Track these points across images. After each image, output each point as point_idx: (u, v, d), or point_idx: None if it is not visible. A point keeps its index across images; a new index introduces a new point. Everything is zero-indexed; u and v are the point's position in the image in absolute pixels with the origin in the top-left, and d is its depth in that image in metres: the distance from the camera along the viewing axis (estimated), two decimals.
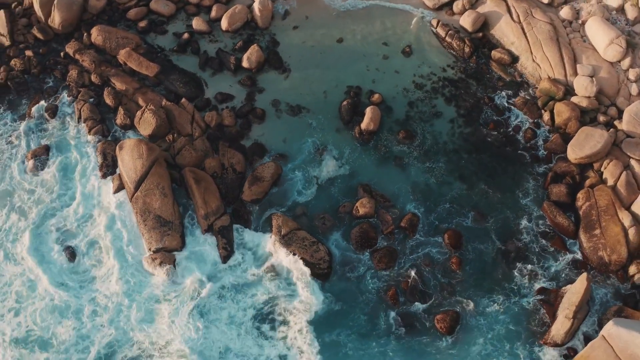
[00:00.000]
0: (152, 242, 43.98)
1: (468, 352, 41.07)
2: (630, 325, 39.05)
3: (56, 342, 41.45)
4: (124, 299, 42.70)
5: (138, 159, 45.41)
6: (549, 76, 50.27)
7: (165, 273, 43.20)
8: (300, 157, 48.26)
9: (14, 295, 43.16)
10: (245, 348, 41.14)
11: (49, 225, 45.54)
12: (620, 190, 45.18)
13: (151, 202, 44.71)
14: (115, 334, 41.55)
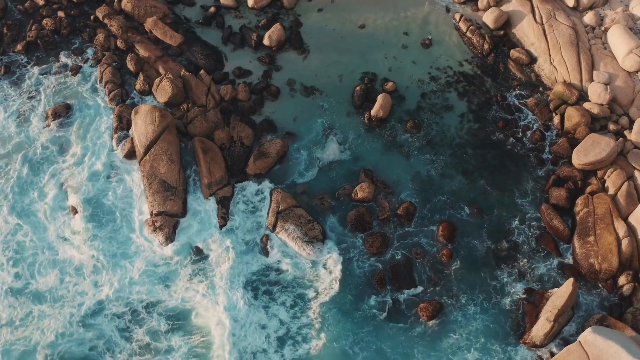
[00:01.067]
0: (154, 205, 45.15)
1: (443, 342, 41.17)
2: (608, 335, 38.76)
3: (52, 296, 42.84)
4: (124, 259, 43.91)
5: (150, 124, 46.53)
6: (565, 80, 49.62)
7: (163, 236, 44.45)
8: (307, 137, 48.76)
9: (15, 246, 44.68)
10: (234, 311, 42.20)
11: (59, 181, 46.85)
12: (620, 200, 44.59)
13: (158, 167, 45.80)
14: (111, 292, 42.72)
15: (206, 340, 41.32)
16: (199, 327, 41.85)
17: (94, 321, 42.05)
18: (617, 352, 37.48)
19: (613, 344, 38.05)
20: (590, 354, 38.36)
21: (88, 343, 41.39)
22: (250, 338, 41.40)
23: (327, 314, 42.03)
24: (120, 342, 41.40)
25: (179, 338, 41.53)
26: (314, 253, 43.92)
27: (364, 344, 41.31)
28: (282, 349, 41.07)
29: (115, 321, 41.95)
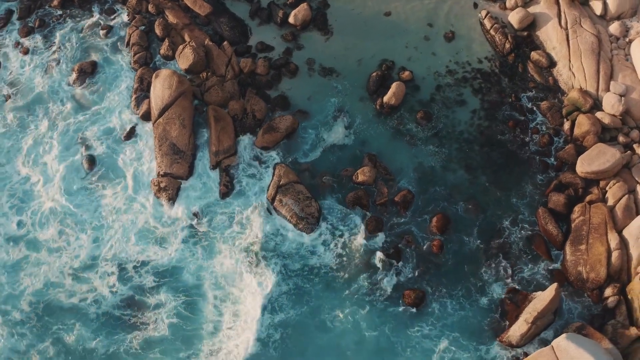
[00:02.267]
0: (162, 166, 46.26)
1: (418, 329, 41.47)
2: (582, 343, 38.42)
3: (50, 246, 44.56)
4: (126, 216, 45.34)
5: (167, 88, 47.42)
6: (581, 87, 48.64)
7: (167, 197, 45.61)
8: (318, 117, 49.08)
9: (22, 195, 46.44)
10: (226, 275, 43.40)
11: (76, 136, 48.40)
12: (617, 212, 43.70)
13: (170, 130, 46.79)
14: (107, 247, 44.28)
15: (193, 299, 42.41)
16: (188, 286, 42.91)
17: (86, 275, 43.51)
18: None
19: (584, 353, 37.77)
20: (560, 359, 38.47)
21: (78, 295, 42.83)
22: (237, 301, 42.35)
23: (312, 286, 42.89)
24: (109, 296, 42.71)
25: (167, 295, 42.68)
26: (307, 228, 44.51)
27: (342, 317, 42.03)
28: (262, 314, 42.06)
29: (107, 277, 43.26)
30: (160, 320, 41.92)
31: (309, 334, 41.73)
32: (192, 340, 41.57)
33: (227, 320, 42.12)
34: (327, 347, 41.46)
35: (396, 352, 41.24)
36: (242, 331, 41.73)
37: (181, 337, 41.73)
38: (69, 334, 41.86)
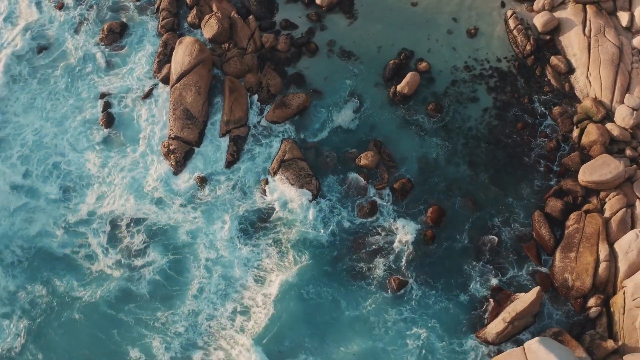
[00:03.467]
0: (173, 129, 47.13)
1: (397, 314, 41.75)
2: (553, 348, 38.09)
3: (49, 197, 46.06)
4: (130, 174, 46.49)
5: (188, 55, 48.09)
6: (595, 96, 47.70)
7: (174, 160, 46.41)
8: (331, 98, 49.16)
9: (32, 145, 47.85)
10: (222, 240, 44.26)
11: (97, 93, 49.61)
12: (612, 224, 42.85)
13: (186, 95, 47.54)
14: (106, 203, 45.57)
15: (183, 260, 43.57)
16: (180, 246, 43.99)
17: (81, 229, 44.84)
18: None
19: (553, 358, 37.62)
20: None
21: (70, 247, 44.23)
22: (228, 265, 43.37)
23: (301, 260, 43.30)
24: (101, 252, 44.03)
25: (157, 254, 43.81)
26: (305, 205, 44.92)
27: (324, 292, 42.57)
28: (251, 282, 42.86)
29: (100, 233, 44.53)
30: (143, 278, 42.96)
31: (289, 305, 42.24)
32: (173, 300, 42.60)
33: (214, 282, 42.92)
34: (303, 317, 42.00)
35: (370, 330, 41.71)
36: (223, 298, 42.64)
37: (161, 295, 42.70)
38: (58, 281, 43.39)
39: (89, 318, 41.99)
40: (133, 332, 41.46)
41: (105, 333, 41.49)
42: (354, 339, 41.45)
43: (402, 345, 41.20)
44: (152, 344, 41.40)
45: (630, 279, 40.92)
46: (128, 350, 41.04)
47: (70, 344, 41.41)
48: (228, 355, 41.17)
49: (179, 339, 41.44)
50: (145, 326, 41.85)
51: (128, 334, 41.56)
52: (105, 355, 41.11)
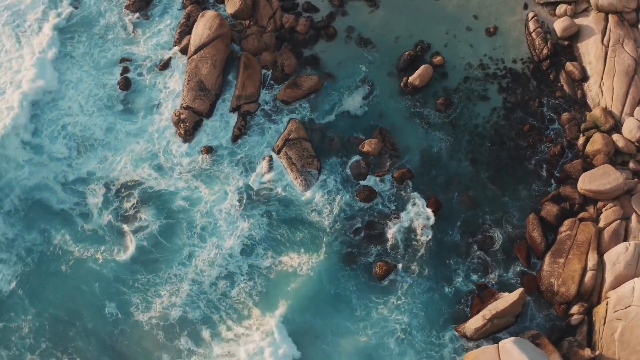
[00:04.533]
0: (186, 99, 47.68)
1: (382, 300, 41.98)
2: (527, 350, 37.77)
3: (53, 155, 46.88)
4: (136, 140, 47.30)
5: (207, 29, 48.46)
6: (606, 106, 46.78)
7: (183, 129, 46.99)
8: (343, 83, 49.04)
9: (45, 105, 48.76)
10: (220, 209, 44.88)
11: (117, 57, 50.49)
12: (605, 235, 42.08)
13: (201, 67, 47.95)
14: (108, 165, 46.48)
15: (177, 225, 44.29)
16: (176, 213, 44.70)
17: (79, 188, 45.82)
18: None
19: (525, 359, 37.58)
20: None
21: (67, 204, 45.21)
22: (221, 235, 43.92)
23: (292, 238, 43.77)
24: (96, 212, 44.92)
25: (153, 218, 44.59)
26: (303, 184, 45.12)
27: (310, 270, 42.86)
28: (241, 253, 43.42)
29: (98, 195, 45.37)
30: (136, 239, 43.83)
31: (273, 278, 42.83)
32: (159, 264, 43.46)
33: (204, 250, 43.48)
34: (289, 292, 42.38)
35: (352, 310, 41.98)
36: (210, 265, 43.36)
37: (149, 258, 43.58)
38: (52, 234, 44.49)
39: (76, 272, 43.13)
40: (111, 288, 42.52)
41: (88, 287, 42.56)
42: (334, 316, 41.80)
43: (383, 328, 41.32)
44: (132, 302, 42.38)
45: (614, 291, 40.25)
46: (105, 304, 42.08)
47: (54, 294, 42.58)
48: (207, 320, 41.84)
49: (160, 300, 42.35)
50: (127, 285, 42.74)
51: (108, 289, 42.58)
52: (85, 307, 42.20)
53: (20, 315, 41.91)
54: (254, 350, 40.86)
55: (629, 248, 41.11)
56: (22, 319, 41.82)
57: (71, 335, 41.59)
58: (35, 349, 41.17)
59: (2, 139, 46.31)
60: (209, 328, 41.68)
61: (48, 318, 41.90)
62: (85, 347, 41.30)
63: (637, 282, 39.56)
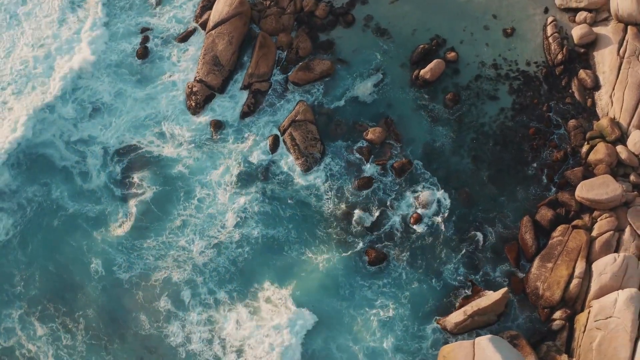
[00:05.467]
0: (200, 73, 48.12)
1: (367, 283, 42.26)
2: (502, 349, 37.59)
3: (62, 114, 47.71)
4: (145, 104, 47.94)
5: (228, 6, 48.76)
6: (614, 117, 45.91)
7: (194, 101, 47.42)
8: (356, 70, 48.90)
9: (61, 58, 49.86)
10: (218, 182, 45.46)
11: (139, 26, 50.97)
12: (596, 244, 41.43)
13: (218, 43, 48.27)
14: (112, 130, 47.15)
15: (174, 193, 45.08)
16: (175, 182, 45.35)
17: (81, 148, 46.64)
18: None
19: (499, 358, 37.30)
20: (476, 356, 37.71)
21: (69, 162, 46.09)
22: (216, 206, 44.46)
23: (286, 216, 44.21)
24: (95, 174, 45.74)
25: (150, 183, 45.34)
26: (304, 165, 45.32)
27: (300, 248, 43.44)
28: (235, 226, 43.87)
29: (99, 156, 46.15)
30: (131, 204, 44.78)
31: (263, 254, 43.28)
32: (151, 229, 44.22)
33: (197, 219, 44.09)
34: (276, 267, 42.95)
35: (338, 290, 42.25)
36: (201, 235, 43.86)
37: (143, 223, 44.39)
38: (52, 189, 45.53)
39: (68, 227, 44.23)
40: (99, 247, 43.54)
41: (77, 243, 43.67)
42: (319, 292, 42.10)
43: (367, 311, 41.52)
44: (115, 261, 43.36)
45: (597, 300, 39.67)
46: (91, 261, 43.09)
47: (46, 246, 43.81)
48: (190, 283, 42.59)
49: (143, 262, 43.26)
50: (113, 246, 43.62)
51: (95, 247, 43.62)
52: (73, 261, 43.38)
53: (13, 263, 43.30)
54: (235, 318, 41.54)
55: (617, 259, 40.50)
56: (15, 267, 43.16)
57: (58, 287, 42.89)
58: (24, 297, 42.41)
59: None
60: (191, 292, 42.37)
61: (38, 268, 43.19)
62: (70, 298, 42.47)
63: (620, 294, 39.11)
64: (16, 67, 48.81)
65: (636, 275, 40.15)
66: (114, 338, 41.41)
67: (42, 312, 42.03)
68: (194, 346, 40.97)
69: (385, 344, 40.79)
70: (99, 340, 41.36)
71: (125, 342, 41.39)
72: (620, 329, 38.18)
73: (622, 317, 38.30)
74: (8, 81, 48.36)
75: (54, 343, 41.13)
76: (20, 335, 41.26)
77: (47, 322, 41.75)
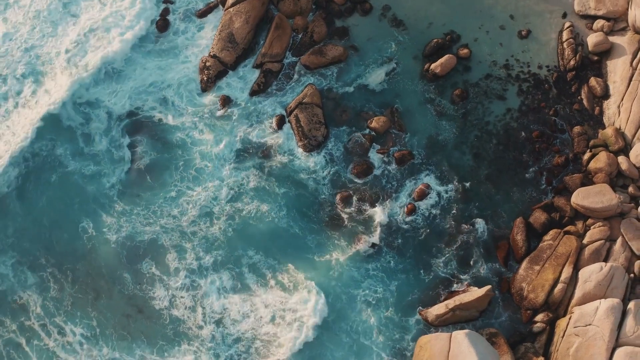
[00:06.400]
0: (214, 48, 48.15)
1: (355, 265, 42.37)
2: (477, 344, 37.45)
3: (82, 79, 47.98)
4: (161, 72, 48.27)
5: None
6: (619, 127, 45.00)
7: (206, 76, 47.60)
8: (368, 58, 48.50)
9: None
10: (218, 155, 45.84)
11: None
12: (585, 252, 40.81)
13: (235, 21, 48.18)
14: (122, 95, 47.68)
15: (172, 161, 45.56)
16: (175, 150, 45.87)
17: (87, 110, 47.14)
18: None
19: (473, 353, 36.95)
20: (452, 349, 37.67)
21: (73, 122, 46.65)
22: (212, 179, 44.86)
23: (281, 194, 44.30)
24: (97, 136, 46.26)
25: (148, 150, 45.82)
26: (306, 147, 45.29)
27: (291, 224, 43.55)
28: (229, 199, 44.25)
29: (104, 120, 46.69)
30: (128, 168, 45.40)
31: (252, 223, 43.65)
32: (143, 195, 44.79)
33: (193, 190, 44.64)
34: (264, 237, 43.36)
35: (328, 271, 42.25)
36: (193, 206, 44.35)
37: (136, 188, 45.03)
38: (57, 146, 46.18)
39: (64, 185, 44.96)
40: (90, 207, 44.22)
41: (70, 201, 44.39)
42: (307, 269, 42.31)
43: (355, 289, 41.69)
44: (104, 222, 44.08)
45: (579, 307, 39.21)
46: (82, 219, 43.86)
47: (41, 200, 44.55)
48: (177, 248, 43.11)
49: (131, 224, 43.85)
50: (104, 208, 44.27)
51: (87, 207, 44.31)
52: (64, 218, 44.13)
53: (11, 214, 44.20)
54: (218, 285, 42.09)
55: (603, 269, 39.88)
56: (11, 218, 44.07)
57: (50, 240, 43.67)
58: (17, 247, 43.37)
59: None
60: (178, 257, 42.88)
61: (32, 221, 44.07)
62: (60, 252, 43.30)
63: (602, 303, 38.54)
64: None
65: (621, 287, 39.62)
66: (101, 294, 42.18)
67: (33, 262, 42.98)
68: (177, 312, 41.48)
69: (370, 322, 40.94)
70: (85, 295, 42.14)
71: (112, 299, 42.11)
72: (598, 337, 37.74)
73: (601, 326, 37.89)
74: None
75: (42, 293, 42.05)
76: (13, 281, 42.30)
77: (37, 272, 42.72)
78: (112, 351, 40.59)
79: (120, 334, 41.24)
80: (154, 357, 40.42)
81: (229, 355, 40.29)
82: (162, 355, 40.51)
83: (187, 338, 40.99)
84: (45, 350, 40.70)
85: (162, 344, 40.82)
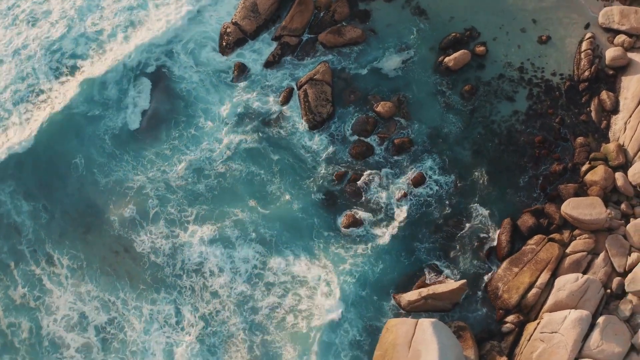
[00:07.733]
0: (237, 16, 48.53)
1: (345, 247, 42.22)
2: (440, 334, 37.03)
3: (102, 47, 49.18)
4: (174, 30, 48.91)
5: None
6: (622, 143, 43.73)
7: (225, 43, 47.85)
8: (385, 43, 48.03)
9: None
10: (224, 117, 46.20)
11: None
12: (566, 261, 39.89)
13: None
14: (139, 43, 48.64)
15: (176, 118, 46.25)
16: (178, 100, 46.75)
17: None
18: (431, 349, 36.26)
19: (434, 341, 36.60)
20: (415, 335, 37.38)
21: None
22: (214, 140, 45.25)
23: (276, 162, 44.47)
24: (110, 85, 47.15)
25: (154, 100, 46.80)
26: (309, 122, 45.26)
27: (279, 189, 43.85)
28: (224, 160, 44.69)
29: (119, 71, 47.42)
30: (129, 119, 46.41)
31: (240, 184, 44.00)
32: (141, 146, 45.60)
33: (192, 152, 45.11)
34: (251, 198, 43.66)
35: (310, 237, 42.55)
36: (188, 163, 44.87)
37: (131, 139, 45.79)
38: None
39: (67, 123, 45.79)
40: (84, 150, 45.22)
41: (69, 138, 45.45)
42: (290, 233, 42.55)
43: (335, 265, 41.63)
44: (97, 162, 44.94)
45: (549, 314, 38.49)
46: (76, 156, 44.89)
47: (44, 135, 45.51)
48: (162, 199, 43.77)
49: (123, 171, 44.77)
50: (100, 151, 45.25)
51: (81, 147, 45.30)
52: (59, 154, 45.21)
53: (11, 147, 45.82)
54: (199, 238, 42.55)
55: (579, 280, 38.88)
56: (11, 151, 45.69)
57: (43, 173, 44.87)
58: (16, 176, 44.69)
59: None
60: (159, 208, 43.61)
61: (29, 154, 45.14)
62: (53, 186, 44.49)
63: (572, 313, 37.70)
64: None
65: (594, 299, 38.62)
66: (91, 229, 43.18)
67: (27, 192, 44.17)
68: (158, 258, 42.12)
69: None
70: (75, 228, 43.26)
71: (101, 236, 43.04)
72: (561, 345, 37.00)
73: (566, 335, 37.10)
74: None
75: (34, 220, 43.36)
76: (10, 207, 43.65)
77: (30, 201, 43.95)
78: (96, 288, 41.39)
79: (105, 270, 42.09)
80: (134, 303, 41.06)
81: (207, 312, 40.85)
82: (141, 303, 41.12)
83: (165, 286, 41.55)
84: (32, 276, 41.86)
85: (143, 288, 41.49)
